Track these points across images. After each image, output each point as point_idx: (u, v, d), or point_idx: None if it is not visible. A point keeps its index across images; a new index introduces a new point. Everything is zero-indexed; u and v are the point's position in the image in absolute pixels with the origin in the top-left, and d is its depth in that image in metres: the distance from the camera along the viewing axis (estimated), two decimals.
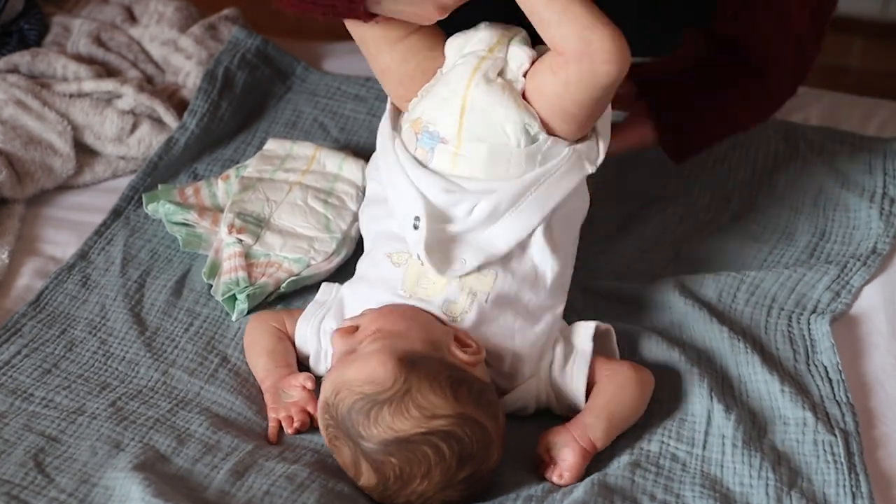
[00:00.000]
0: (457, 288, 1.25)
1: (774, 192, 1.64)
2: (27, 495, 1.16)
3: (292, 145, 1.61)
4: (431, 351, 1.19)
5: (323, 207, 1.51)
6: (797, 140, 1.70)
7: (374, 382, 1.15)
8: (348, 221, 1.50)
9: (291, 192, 1.53)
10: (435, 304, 1.25)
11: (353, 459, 1.16)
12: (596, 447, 1.22)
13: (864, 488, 1.17)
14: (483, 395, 1.18)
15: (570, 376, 1.27)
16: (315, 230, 1.48)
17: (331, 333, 1.28)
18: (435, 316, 1.25)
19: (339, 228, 1.49)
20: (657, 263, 1.53)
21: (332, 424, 1.17)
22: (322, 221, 1.49)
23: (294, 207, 1.51)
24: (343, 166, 1.57)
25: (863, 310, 1.43)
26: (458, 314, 1.25)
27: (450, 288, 1.25)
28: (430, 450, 1.13)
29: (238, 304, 1.42)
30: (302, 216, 1.50)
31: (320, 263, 1.45)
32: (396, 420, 1.14)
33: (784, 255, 1.53)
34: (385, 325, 1.21)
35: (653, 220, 1.60)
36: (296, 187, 1.54)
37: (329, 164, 1.58)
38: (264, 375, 1.31)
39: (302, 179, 1.55)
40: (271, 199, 1.52)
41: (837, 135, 1.70)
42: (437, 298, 1.25)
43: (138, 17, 1.91)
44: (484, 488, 1.20)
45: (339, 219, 1.50)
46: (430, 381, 1.15)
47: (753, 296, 1.42)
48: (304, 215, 1.50)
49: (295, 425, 1.25)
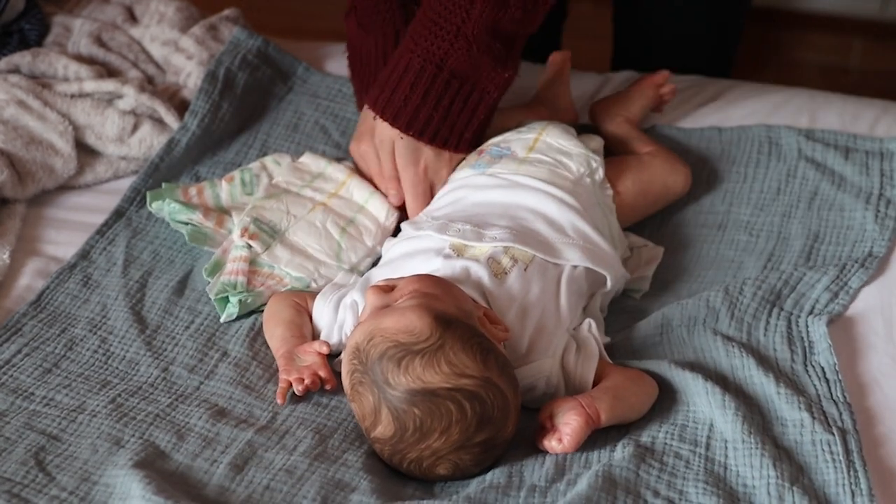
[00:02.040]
0: (501, 251, 1.35)
1: (769, 194, 1.64)
2: (28, 493, 1.17)
3: (327, 165, 1.60)
4: (464, 317, 1.22)
5: (339, 235, 1.50)
6: (794, 140, 1.70)
7: (411, 333, 1.18)
8: (360, 255, 1.49)
9: (314, 211, 1.52)
10: (481, 261, 1.34)
11: (374, 407, 1.18)
12: (600, 419, 1.23)
13: (863, 486, 1.17)
14: (507, 368, 1.22)
15: (580, 364, 1.30)
16: (325, 255, 1.48)
17: (352, 304, 1.34)
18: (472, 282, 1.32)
19: (348, 260, 1.48)
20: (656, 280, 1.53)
21: (360, 370, 1.19)
22: (334, 248, 1.49)
23: (311, 227, 1.50)
24: (370, 201, 1.55)
25: (860, 312, 1.43)
26: (500, 272, 1.34)
27: (495, 251, 1.35)
28: (453, 406, 1.16)
29: (229, 307, 1.42)
30: (316, 238, 1.49)
31: (321, 288, 1.44)
32: (427, 372, 1.16)
33: (783, 260, 1.53)
34: (421, 287, 1.25)
35: (648, 224, 1.61)
36: (319, 208, 1.53)
37: (357, 195, 1.56)
38: (279, 344, 1.35)
39: (327, 202, 1.54)
40: (292, 212, 1.52)
41: (834, 135, 1.70)
42: (483, 257, 1.35)
43: (139, 18, 1.91)
44: (494, 459, 1.22)
45: (352, 251, 1.49)
46: (463, 343, 1.18)
47: (755, 297, 1.42)
48: (319, 238, 1.49)
49: (306, 382, 1.28)
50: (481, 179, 1.48)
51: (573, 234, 1.41)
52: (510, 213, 1.42)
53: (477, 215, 1.42)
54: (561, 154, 1.51)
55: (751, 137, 1.72)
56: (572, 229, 1.42)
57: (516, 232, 1.38)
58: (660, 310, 1.43)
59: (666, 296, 1.50)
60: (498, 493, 1.17)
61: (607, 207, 1.51)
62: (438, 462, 1.19)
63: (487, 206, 1.44)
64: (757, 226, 1.59)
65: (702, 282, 1.52)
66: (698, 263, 1.56)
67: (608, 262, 1.41)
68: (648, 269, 1.52)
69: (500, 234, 1.37)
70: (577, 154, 1.52)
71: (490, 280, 1.33)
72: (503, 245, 1.36)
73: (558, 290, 1.36)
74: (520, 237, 1.37)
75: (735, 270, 1.52)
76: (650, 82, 1.72)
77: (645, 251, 1.55)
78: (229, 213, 1.53)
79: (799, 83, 1.95)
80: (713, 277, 1.52)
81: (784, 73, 2.77)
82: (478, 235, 1.38)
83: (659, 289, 1.52)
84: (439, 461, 1.19)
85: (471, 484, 1.21)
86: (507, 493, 1.18)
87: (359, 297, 1.35)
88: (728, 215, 1.62)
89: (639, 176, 1.56)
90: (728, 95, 1.85)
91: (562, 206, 1.43)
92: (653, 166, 1.59)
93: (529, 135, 1.55)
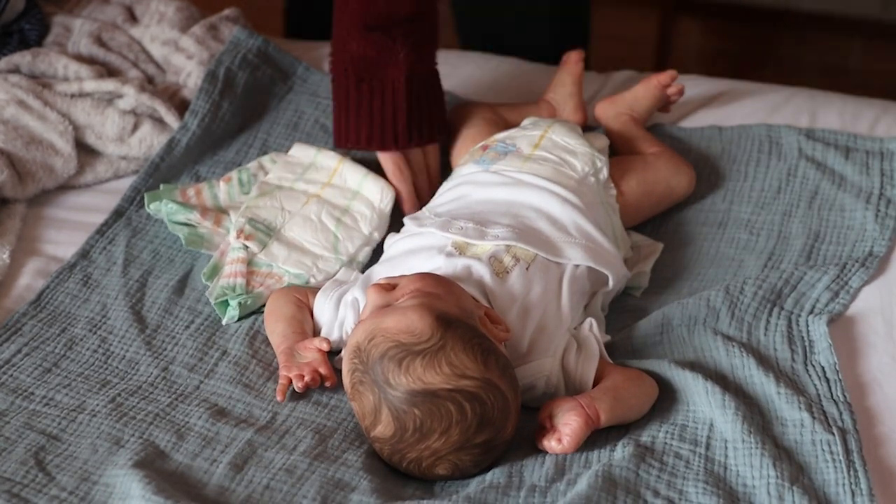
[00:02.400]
0: (503, 250, 1.35)
1: (770, 193, 1.64)
2: (28, 493, 1.17)
3: (317, 153, 1.60)
4: (465, 317, 1.22)
5: (335, 226, 1.50)
6: (794, 140, 1.70)
7: (412, 333, 1.18)
8: (357, 245, 1.49)
9: (308, 204, 1.52)
10: (483, 259, 1.33)
11: (375, 406, 1.18)
12: (600, 419, 1.23)
13: (863, 485, 1.17)
14: (507, 369, 1.22)
15: (580, 363, 1.30)
16: (322, 248, 1.48)
17: (353, 301, 1.34)
18: (474, 281, 1.32)
19: (346, 251, 1.48)
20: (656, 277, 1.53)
21: (361, 369, 1.19)
22: (331, 241, 1.49)
23: (307, 221, 1.50)
24: (364, 184, 1.55)
25: (860, 311, 1.43)
26: (502, 270, 1.33)
27: (497, 249, 1.35)
28: (453, 407, 1.16)
29: (229, 311, 1.42)
30: (312, 232, 1.49)
31: (320, 283, 1.45)
32: (427, 372, 1.16)
33: (783, 259, 1.53)
34: (423, 286, 1.25)
35: (649, 221, 1.61)
36: (313, 200, 1.53)
37: (350, 180, 1.56)
38: (280, 340, 1.35)
39: (321, 193, 1.54)
40: (286, 208, 1.52)
41: (835, 135, 1.70)
42: (485, 256, 1.34)
43: (139, 18, 1.91)
44: (493, 459, 1.21)
45: (349, 241, 1.49)
46: (464, 343, 1.18)
47: (755, 297, 1.42)
48: (315, 231, 1.49)
49: (306, 379, 1.28)
50: (485, 176, 1.48)
51: (576, 232, 1.41)
52: (513, 212, 1.42)
53: (480, 213, 1.42)
54: (566, 152, 1.51)
55: (751, 136, 1.72)
56: (575, 228, 1.42)
57: (518, 230, 1.38)
58: (660, 309, 1.43)
59: (666, 294, 1.50)
60: (498, 492, 1.17)
61: (611, 207, 1.51)
62: (438, 462, 1.19)
63: (490, 203, 1.44)
64: (757, 224, 1.59)
65: (702, 280, 1.52)
66: (699, 261, 1.55)
67: (610, 261, 1.41)
68: (647, 265, 1.52)
69: (502, 233, 1.37)
70: (582, 153, 1.52)
71: (491, 279, 1.32)
72: (505, 244, 1.36)
73: (560, 289, 1.35)
74: (522, 236, 1.37)
75: (735, 269, 1.52)
76: (657, 82, 1.71)
77: (644, 247, 1.55)
78: (227, 213, 1.53)
79: (799, 83, 1.95)
80: (714, 275, 1.52)
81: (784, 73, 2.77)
82: (480, 234, 1.38)
83: (659, 286, 1.52)
84: (439, 461, 1.19)
85: (471, 484, 1.21)
86: (507, 493, 1.17)
87: (360, 295, 1.35)
88: (728, 214, 1.62)
89: (643, 176, 1.56)
90: (728, 95, 1.85)
91: (565, 205, 1.43)
92: (657, 167, 1.59)
93: (535, 132, 1.55)
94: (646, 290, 1.51)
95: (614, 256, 1.43)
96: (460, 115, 1.69)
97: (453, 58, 1.95)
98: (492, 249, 1.36)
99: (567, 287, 1.36)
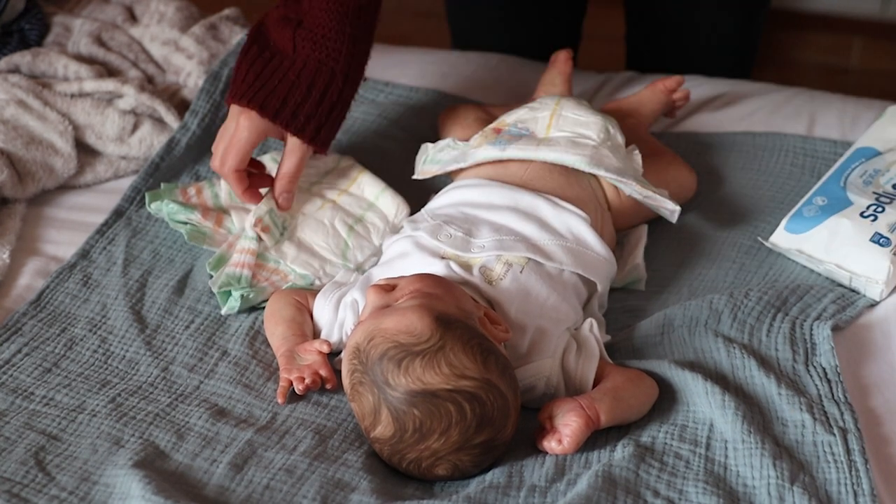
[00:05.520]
0: (493, 258, 1.35)
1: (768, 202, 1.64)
2: (28, 493, 1.17)
3: (340, 158, 1.60)
4: (464, 318, 1.22)
5: (346, 233, 1.50)
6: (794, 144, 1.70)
7: (411, 334, 1.18)
8: (366, 255, 1.49)
9: (323, 208, 1.53)
10: (474, 271, 1.33)
11: (374, 407, 1.18)
12: (600, 420, 1.23)
13: (864, 485, 1.17)
14: (507, 369, 1.21)
15: (580, 364, 1.30)
16: (331, 253, 1.48)
17: (352, 303, 1.34)
18: (471, 284, 1.32)
19: (354, 259, 1.48)
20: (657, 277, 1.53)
21: (360, 370, 1.19)
22: (341, 247, 1.49)
23: (319, 225, 1.50)
24: (381, 197, 1.55)
25: (864, 319, 1.43)
26: (494, 279, 1.33)
27: (487, 259, 1.35)
28: (453, 407, 1.16)
29: (230, 301, 1.42)
30: (324, 236, 1.49)
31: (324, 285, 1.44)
32: (427, 373, 1.16)
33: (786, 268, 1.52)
34: (422, 287, 1.25)
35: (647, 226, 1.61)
36: (328, 205, 1.53)
37: (368, 192, 1.56)
38: (280, 343, 1.35)
39: (338, 199, 1.55)
40: (301, 209, 1.52)
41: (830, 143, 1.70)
42: (476, 264, 1.34)
43: (139, 17, 1.92)
44: (493, 460, 1.21)
45: (358, 249, 1.49)
46: (463, 344, 1.18)
47: (760, 301, 1.41)
48: (326, 236, 1.49)
49: (306, 382, 1.28)
50: (484, 180, 1.48)
51: (568, 235, 1.41)
52: (504, 219, 1.41)
53: (471, 218, 1.41)
54: (578, 125, 1.52)
55: (756, 142, 1.72)
56: (567, 231, 1.42)
57: (504, 240, 1.37)
58: (662, 310, 1.43)
59: (666, 293, 1.50)
60: (498, 493, 1.17)
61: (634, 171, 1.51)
62: (437, 463, 1.19)
63: (485, 207, 1.43)
64: (754, 234, 1.58)
65: (702, 279, 1.51)
66: (699, 261, 1.55)
67: (598, 267, 1.41)
68: (636, 255, 1.51)
69: (487, 244, 1.37)
70: (593, 122, 1.52)
71: (485, 287, 1.33)
72: (494, 254, 1.36)
73: (558, 289, 1.35)
74: (507, 244, 1.37)
75: (736, 271, 1.52)
76: (663, 87, 1.71)
77: (631, 234, 1.55)
78: (228, 213, 1.53)
79: (799, 83, 1.95)
80: (714, 276, 1.52)
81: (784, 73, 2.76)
82: (466, 245, 1.37)
83: (659, 286, 1.51)
84: (438, 462, 1.19)
85: (471, 484, 1.21)
86: (506, 493, 1.17)
87: (359, 296, 1.35)
88: (732, 217, 1.62)
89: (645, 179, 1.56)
90: (728, 95, 1.85)
91: (557, 209, 1.43)
92: (661, 171, 1.58)
93: (544, 112, 1.55)
94: (646, 290, 1.51)
95: (603, 262, 1.42)
96: (452, 116, 1.69)
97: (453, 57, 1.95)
98: (482, 260, 1.35)
99: (565, 287, 1.36)
